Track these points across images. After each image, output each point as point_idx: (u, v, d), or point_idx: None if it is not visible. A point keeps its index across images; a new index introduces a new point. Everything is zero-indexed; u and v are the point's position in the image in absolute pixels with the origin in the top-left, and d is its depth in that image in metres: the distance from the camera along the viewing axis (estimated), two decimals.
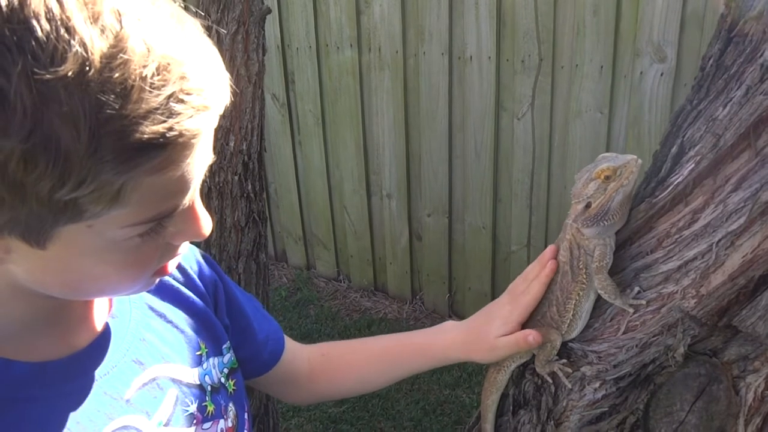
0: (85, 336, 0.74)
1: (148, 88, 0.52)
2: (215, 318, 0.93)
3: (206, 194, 1.88)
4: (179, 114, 0.54)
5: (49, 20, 0.48)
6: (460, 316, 3.70)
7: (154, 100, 0.52)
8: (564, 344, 1.04)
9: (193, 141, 0.57)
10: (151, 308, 0.84)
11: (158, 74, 0.52)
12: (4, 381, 0.65)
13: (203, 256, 0.96)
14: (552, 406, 1.07)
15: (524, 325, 1.06)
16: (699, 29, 2.56)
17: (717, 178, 0.88)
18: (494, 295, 3.52)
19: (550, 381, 1.06)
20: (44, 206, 0.52)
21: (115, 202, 0.55)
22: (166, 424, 0.78)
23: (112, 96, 0.50)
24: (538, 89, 2.99)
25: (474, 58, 3.11)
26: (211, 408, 0.85)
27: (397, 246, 3.79)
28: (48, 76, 0.47)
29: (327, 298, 3.98)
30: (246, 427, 0.94)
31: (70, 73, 0.48)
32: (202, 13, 1.75)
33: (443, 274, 3.67)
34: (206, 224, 0.68)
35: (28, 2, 0.48)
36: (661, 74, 2.68)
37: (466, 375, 3.25)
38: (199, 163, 0.60)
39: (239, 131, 1.81)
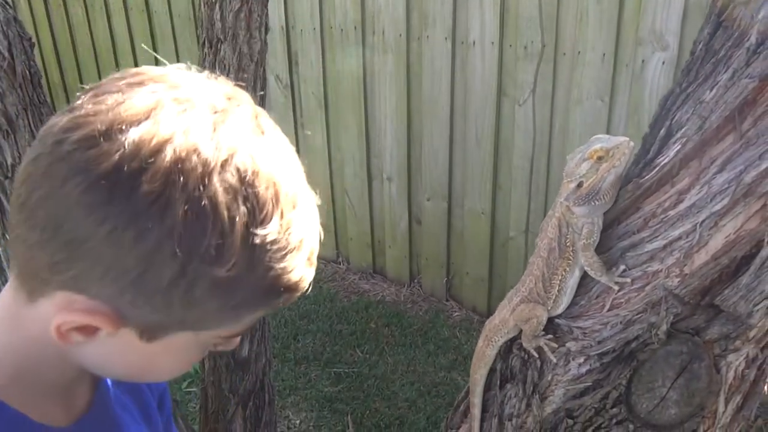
0: (83, 400, 0.78)
1: (299, 249, 0.65)
2: (157, 415, 0.97)
3: None
4: (306, 269, 0.67)
5: (267, 189, 0.61)
6: (458, 301, 3.73)
7: (300, 258, 0.65)
8: (550, 320, 1.07)
9: (304, 288, 0.68)
10: (116, 397, 0.87)
11: (304, 241, 0.65)
12: None
13: None
14: (537, 380, 1.09)
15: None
16: (701, 18, 2.55)
17: (702, 160, 0.91)
18: (491, 280, 3.55)
19: (536, 356, 1.09)
20: (187, 320, 0.63)
21: (236, 324, 0.67)
22: None
23: (282, 252, 0.62)
24: (540, 76, 3.00)
25: (477, 44, 3.12)
26: None
27: (397, 230, 3.81)
28: (257, 231, 0.60)
29: (326, 280, 4.01)
30: None
31: (269, 234, 0.61)
32: None
33: (441, 259, 3.70)
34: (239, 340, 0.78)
35: (260, 176, 0.60)
36: (663, 63, 2.69)
37: (462, 358, 3.28)
38: None
39: None
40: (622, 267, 1.00)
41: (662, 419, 1.04)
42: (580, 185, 0.98)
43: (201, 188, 0.57)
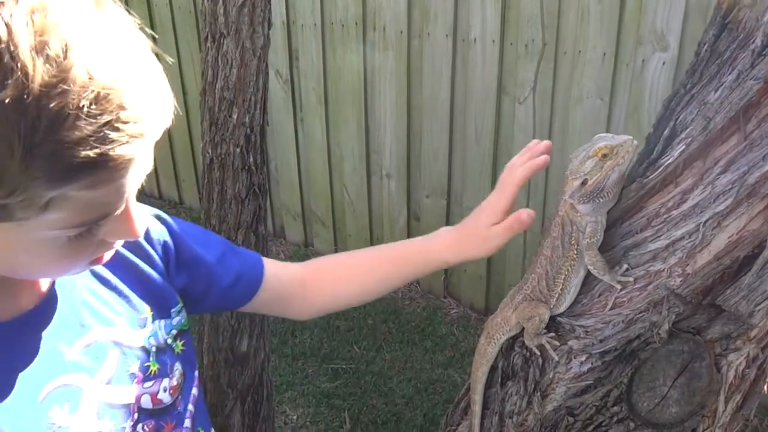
0: (30, 298, 0.77)
1: (83, 116, 0.54)
2: (164, 281, 0.95)
3: (208, 165, 1.91)
4: (113, 141, 0.57)
5: None
6: (456, 299, 3.74)
7: (88, 128, 0.55)
8: (552, 318, 1.07)
9: (126, 165, 0.60)
10: (95, 273, 0.86)
11: (96, 103, 0.55)
12: None
13: (156, 216, 0.97)
14: (539, 378, 1.10)
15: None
16: (702, 19, 2.57)
17: (706, 160, 0.91)
18: (489, 277, 3.55)
19: (538, 353, 1.09)
20: None
21: (45, 210, 0.58)
22: (108, 383, 0.82)
23: (46, 122, 0.53)
24: (541, 74, 3.00)
25: (478, 41, 3.12)
26: (154, 368, 0.88)
27: (395, 226, 3.82)
28: None
29: None
30: (195, 384, 0.98)
31: (7, 100, 0.51)
32: None
33: None
34: (140, 225, 0.71)
35: None
36: (663, 63, 2.69)
37: (459, 355, 3.29)
38: (135, 178, 0.64)
39: (242, 104, 1.83)
40: (625, 266, 1.00)
41: (663, 418, 1.05)
42: (584, 183, 0.99)
43: None
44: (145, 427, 0.86)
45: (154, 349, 0.90)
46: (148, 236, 0.94)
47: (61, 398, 0.75)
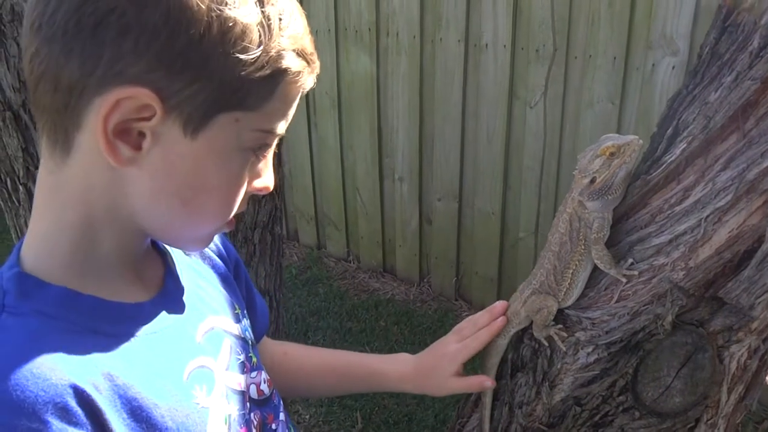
0: (153, 284, 0.80)
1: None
2: (236, 286, 1.00)
3: None
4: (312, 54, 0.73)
5: None
6: (467, 300, 3.77)
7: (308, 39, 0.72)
8: (560, 311, 1.11)
9: (307, 83, 0.73)
10: (195, 270, 0.90)
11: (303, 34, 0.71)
12: (107, 317, 0.70)
13: (223, 242, 1.03)
14: (547, 368, 1.14)
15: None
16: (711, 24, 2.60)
17: (707, 158, 0.95)
18: (500, 280, 3.58)
19: (547, 345, 1.13)
20: (227, 84, 0.64)
21: (266, 99, 0.68)
22: (226, 369, 0.84)
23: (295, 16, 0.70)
24: (551, 79, 3.04)
25: (489, 46, 3.16)
26: (255, 359, 0.91)
27: (407, 229, 3.86)
28: None
29: (336, 278, 4.06)
30: None
31: None
32: None
33: (451, 258, 3.74)
34: (272, 177, 0.79)
35: None
36: (673, 67, 2.72)
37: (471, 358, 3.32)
38: (296, 105, 0.75)
39: None
40: (630, 260, 1.04)
41: (667, 407, 1.08)
42: (593, 181, 1.03)
43: None
44: (254, 417, 0.88)
45: (251, 342, 0.93)
46: (227, 249, 1.00)
47: (200, 379, 0.77)
